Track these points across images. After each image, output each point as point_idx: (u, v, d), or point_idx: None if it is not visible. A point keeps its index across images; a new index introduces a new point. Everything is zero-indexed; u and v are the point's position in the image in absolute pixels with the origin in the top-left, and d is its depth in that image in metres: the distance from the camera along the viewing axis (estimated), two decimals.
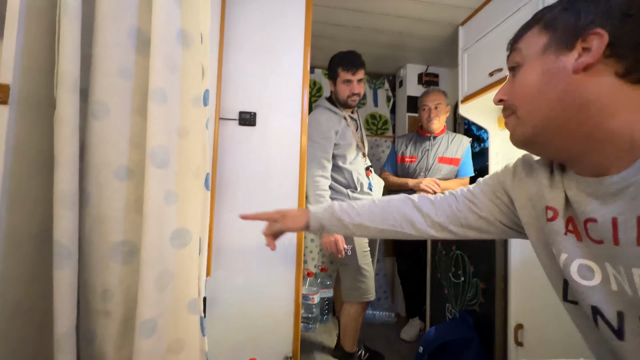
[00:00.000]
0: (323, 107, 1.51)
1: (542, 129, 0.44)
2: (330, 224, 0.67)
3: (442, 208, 0.61)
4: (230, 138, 1.26)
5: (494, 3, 1.58)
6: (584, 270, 0.44)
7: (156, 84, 0.55)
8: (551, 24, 0.44)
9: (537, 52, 0.44)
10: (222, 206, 1.23)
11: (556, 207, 0.48)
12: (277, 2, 1.31)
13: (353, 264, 1.40)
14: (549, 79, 0.42)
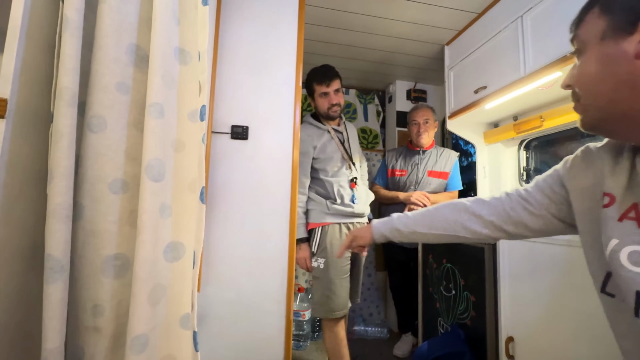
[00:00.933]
0: (306, 122, 1.57)
1: (608, 114, 0.45)
2: (391, 234, 0.75)
3: (494, 208, 0.63)
4: (223, 151, 1.28)
5: (477, 25, 1.68)
6: (636, 256, 0.43)
7: (153, 99, 0.56)
8: (609, 7, 0.44)
9: (596, 37, 0.44)
10: (213, 220, 1.23)
11: (614, 193, 0.48)
12: (270, 20, 1.37)
13: (324, 278, 1.39)
14: (608, 66, 0.43)
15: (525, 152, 1.76)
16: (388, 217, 0.77)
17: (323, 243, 1.44)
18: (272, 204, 1.29)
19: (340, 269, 1.44)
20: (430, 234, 0.70)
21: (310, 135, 1.49)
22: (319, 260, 1.43)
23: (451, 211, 0.68)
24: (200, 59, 0.65)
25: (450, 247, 1.47)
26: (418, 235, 0.73)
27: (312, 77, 1.52)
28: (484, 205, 0.65)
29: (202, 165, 0.61)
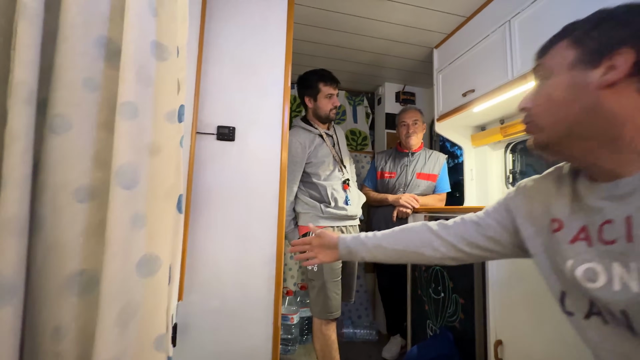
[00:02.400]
0: (297, 127, 1.55)
1: (562, 137, 0.47)
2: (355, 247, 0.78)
3: (453, 229, 0.66)
4: (208, 153, 1.21)
5: (465, 29, 1.67)
6: (590, 273, 0.45)
7: (126, 97, 0.50)
8: (581, 40, 0.46)
9: (566, 66, 0.46)
10: (197, 225, 1.16)
11: (561, 218, 0.51)
12: (258, 18, 1.31)
13: (318, 281, 1.39)
14: (575, 93, 0.45)
15: (511, 155, 1.76)
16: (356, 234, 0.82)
17: None
18: (260, 207, 1.23)
19: (333, 272, 1.41)
20: (394, 249, 0.73)
21: (302, 142, 1.47)
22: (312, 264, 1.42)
23: (416, 230, 0.72)
24: (180, 54, 0.59)
25: None
26: (381, 250, 0.75)
27: (319, 78, 1.50)
28: (445, 227, 0.69)
29: (179, 171, 0.55)
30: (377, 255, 0.76)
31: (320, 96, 1.50)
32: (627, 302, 0.41)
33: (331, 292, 1.38)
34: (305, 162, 1.47)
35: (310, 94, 1.52)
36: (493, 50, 1.47)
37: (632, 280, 0.41)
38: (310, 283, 1.42)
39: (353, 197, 1.51)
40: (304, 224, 1.46)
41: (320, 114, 1.52)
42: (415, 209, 1.63)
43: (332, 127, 1.60)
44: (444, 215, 1.46)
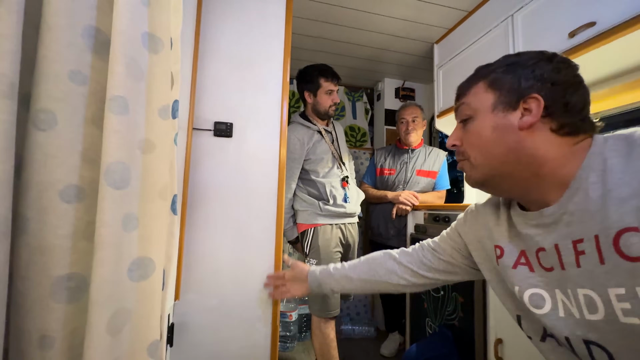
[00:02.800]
0: (296, 122, 1.51)
1: (493, 174, 0.50)
2: (323, 279, 0.81)
3: (412, 256, 0.70)
4: (205, 150, 1.18)
5: (467, 24, 1.63)
6: (536, 298, 0.48)
7: (115, 92, 0.47)
8: (496, 85, 0.50)
9: (487, 108, 0.50)
10: (194, 223, 1.13)
11: (502, 244, 0.54)
12: (256, 11, 1.27)
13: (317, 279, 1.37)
14: (500, 134, 0.48)
15: None
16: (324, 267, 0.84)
17: (315, 244, 1.41)
18: (258, 204, 1.20)
19: None
20: (360, 279, 0.75)
21: (301, 138, 1.44)
22: (311, 261, 1.41)
23: (380, 260, 0.75)
24: (173, 47, 0.56)
25: None
26: (348, 280, 0.77)
27: (320, 73, 1.47)
28: (406, 254, 0.72)
29: (173, 169, 0.52)
30: (345, 286, 0.78)
31: (321, 92, 1.47)
32: (569, 329, 0.43)
33: None
34: (304, 158, 1.44)
35: (310, 89, 1.49)
36: (495, 46, 1.44)
37: (573, 308, 0.43)
38: None
39: (352, 195, 1.49)
40: (303, 222, 1.44)
41: (319, 109, 1.49)
42: (415, 206, 1.61)
43: (331, 124, 1.57)
44: (444, 212, 1.44)
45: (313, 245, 1.41)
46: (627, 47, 1.03)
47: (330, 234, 1.42)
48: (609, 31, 1.00)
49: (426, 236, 1.52)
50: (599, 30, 1.03)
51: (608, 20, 1.00)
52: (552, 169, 0.46)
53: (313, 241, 1.41)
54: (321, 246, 1.39)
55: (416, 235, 1.59)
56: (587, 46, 1.07)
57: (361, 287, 0.77)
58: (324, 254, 1.39)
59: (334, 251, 1.42)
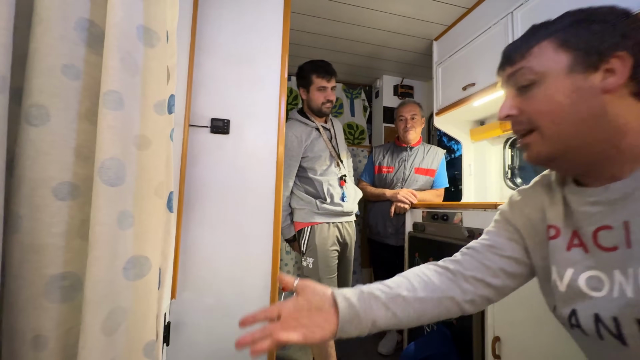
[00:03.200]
0: (293, 119, 1.50)
1: (568, 147, 0.44)
2: (364, 307, 0.48)
3: (471, 262, 0.55)
4: (201, 146, 1.17)
5: (466, 21, 1.63)
6: (593, 281, 0.43)
7: (110, 86, 0.46)
8: (570, 43, 0.44)
9: (561, 70, 0.44)
10: (190, 221, 1.12)
11: (557, 224, 0.49)
12: (254, 7, 1.25)
13: (313, 278, 1.37)
14: (580, 98, 0.42)
15: (510, 150, 1.74)
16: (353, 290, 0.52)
17: (312, 243, 1.41)
18: (255, 202, 1.20)
19: (328, 268, 1.40)
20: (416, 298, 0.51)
21: (298, 136, 1.43)
22: (307, 260, 1.40)
23: (428, 272, 0.56)
24: (169, 40, 0.55)
25: (438, 245, 1.43)
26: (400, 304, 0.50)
27: (311, 69, 1.46)
28: (459, 262, 0.56)
29: (170, 166, 0.51)
30: (397, 313, 0.50)
31: (312, 88, 1.45)
32: (620, 310, 0.40)
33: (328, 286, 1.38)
34: (302, 156, 1.44)
35: (304, 86, 1.48)
36: (495, 43, 1.43)
37: (629, 286, 0.40)
38: None
39: (349, 193, 1.49)
40: (300, 220, 1.43)
41: (312, 106, 1.48)
42: (413, 204, 1.61)
43: (330, 121, 1.56)
44: (442, 210, 1.44)
45: (310, 244, 1.40)
46: None
47: (328, 232, 1.42)
48: None
49: (425, 234, 1.53)
50: None
51: None
52: (633, 140, 0.41)
53: (310, 240, 1.41)
54: (318, 245, 1.39)
55: (414, 233, 1.59)
56: None
57: (417, 314, 0.51)
58: (321, 252, 1.39)
59: (331, 249, 1.42)
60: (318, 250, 1.38)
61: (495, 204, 1.18)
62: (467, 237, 1.28)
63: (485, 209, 1.23)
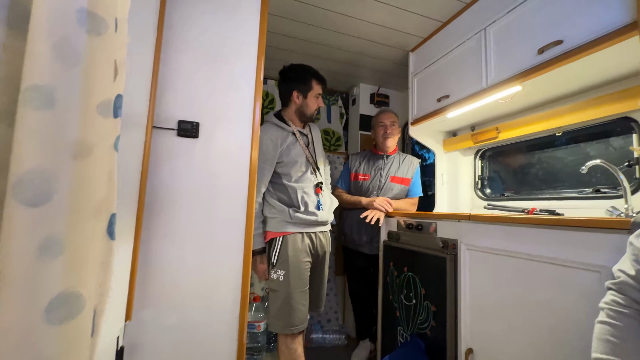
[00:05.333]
0: (269, 122, 1.41)
1: None
2: None
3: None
4: (166, 150, 1.05)
5: (442, 34, 1.64)
6: None
7: (36, 79, 0.36)
8: None
9: None
10: (152, 231, 1.00)
11: None
12: (230, 4, 1.16)
13: (283, 291, 1.27)
14: None
15: (480, 161, 1.77)
16: None
17: (284, 254, 1.30)
18: (226, 211, 1.09)
19: (301, 281, 1.30)
20: None
21: (274, 139, 1.34)
22: (278, 272, 1.30)
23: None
24: (119, 29, 0.45)
25: (412, 255, 1.41)
26: None
27: (313, 75, 1.42)
28: None
29: (113, 182, 0.42)
30: None
31: (312, 94, 1.41)
32: None
33: (297, 303, 1.27)
34: (276, 161, 1.35)
35: (301, 90, 1.40)
36: (468, 57, 1.45)
37: None
38: (273, 294, 1.30)
39: (325, 202, 1.42)
40: (271, 230, 1.34)
41: (305, 112, 1.41)
42: (389, 212, 1.58)
43: (308, 126, 1.49)
44: (417, 220, 1.42)
45: (281, 256, 1.30)
46: (591, 65, 1.07)
47: (301, 243, 1.33)
48: (575, 50, 1.03)
49: (399, 244, 1.49)
50: (566, 49, 1.05)
51: (574, 40, 1.02)
52: None
53: (282, 251, 1.30)
54: (290, 257, 1.29)
55: (389, 242, 1.56)
56: (555, 63, 1.09)
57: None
58: (293, 265, 1.29)
59: (304, 261, 1.33)
60: (290, 263, 1.29)
61: (469, 215, 1.17)
62: (442, 248, 1.26)
63: (459, 220, 1.22)
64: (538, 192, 1.47)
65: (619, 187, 1.16)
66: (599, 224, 0.81)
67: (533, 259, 0.94)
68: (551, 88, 1.27)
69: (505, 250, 1.02)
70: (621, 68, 1.08)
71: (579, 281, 0.83)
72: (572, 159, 1.37)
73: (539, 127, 1.37)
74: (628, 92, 1.08)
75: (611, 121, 1.20)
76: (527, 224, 0.97)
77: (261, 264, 1.33)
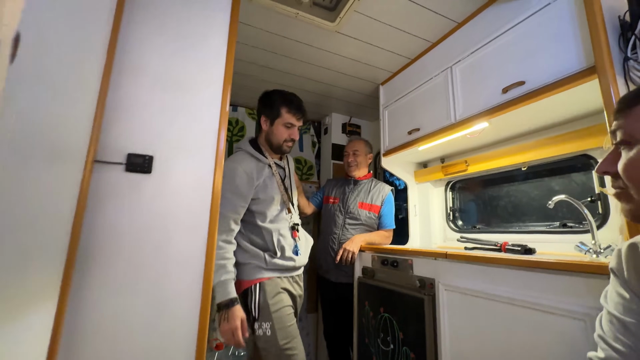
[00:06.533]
0: (244, 151, 1.24)
1: None
2: None
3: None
4: (111, 188, 0.89)
5: (410, 70, 1.66)
6: None
7: None
8: None
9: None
10: (87, 283, 0.82)
11: None
12: (194, 31, 1.07)
13: (275, 346, 1.09)
14: None
15: (451, 192, 1.76)
16: None
17: (264, 303, 1.12)
18: (179, 257, 0.94)
19: (290, 327, 1.12)
20: None
21: (249, 172, 1.17)
22: (263, 326, 1.10)
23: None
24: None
25: (388, 294, 1.31)
26: None
27: (282, 102, 1.23)
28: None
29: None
30: None
31: (279, 122, 1.24)
32: None
33: (295, 351, 1.10)
34: (251, 197, 1.17)
35: (268, 115, 1.25)
36: (437, 93, 1.46)
37: None
38: (266, 353, 1.09)
39: (301, 245, 1.27)
40: (246, 278, 1.15)
41: (272, 141, 1.25)
42: (362, 247, 1.50)
43: (285, 158, 1.36)
44: (392, 256, 1.34)
45: (262, 305, 1.12)
46: (553, 105, 1.10)
47: (280, 287, 1.17)
48: (537, 91, 1.05)
49: (374, 281, 1.38)
50: (528, 89, 1.07)
51: (536, 81, 1.05)
52: None
53: (261, 300, 1.12)
54: (271, 304, 1.12)
55: (364, 279, 1.46)
56: (518, 102, 1.11)
57: None
58: (277, 313, 1.11)
59: (287, 306, 1.16)
60: (272, 311, 1.11)
61: (445, 253, 1.11)
62: (419, 287, 1.18)
63: (435, 258, 1.16)
64: (508, 225, 1.47)
65: (584, 222, 1.17)
66: (577, 268, 0.77)
67: (514, 303, 0.88)
68: (517, 125, 1.30)
69: (485, 292, 0.96)
70: (581, 108, 1.12)
71: (563, 329, 0.77)
72: (537, 193, 1.39)
73: (505, 161, 1.39)
74: (586, 131, 1.12)
75: (572, 158, 1.23)
76: (506, 265, 0.92)
77: (233, 319, 1.03)
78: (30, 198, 0.58)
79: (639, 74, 0.81)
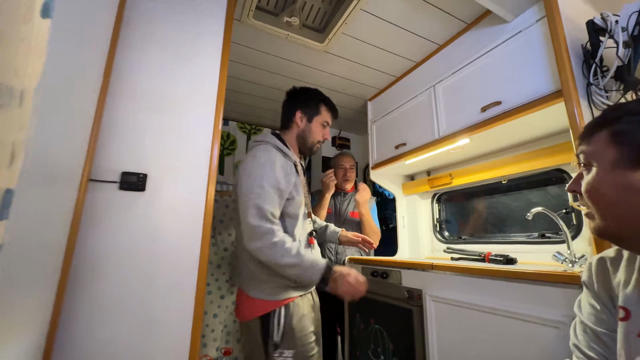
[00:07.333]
0: (270, 144, 1.07)
1: (616, 232, 0.46)
2: None
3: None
4: (105, 207, 0.91)
5: (396, 87, 1.73)
6: None
7: None
8: (619, 139, 0.45)
9: (607, 164, 0.45)
10: (78, 305, 0.82)
11: (628, 307, 0.47)
12: (187, 51, 1.10)
13: None
14: (623, 195, 0.43)
15: (437, 204, 1.82)
16: None
17: (289, 328, 0.97)
18: (171, 278, 0.94)
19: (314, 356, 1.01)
20: None
21: (287, 168, 1.04)
22: (284, 355, 0.96)
23: None
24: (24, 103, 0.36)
25: (378, 305, 1.34)
26: None
27: (322, 100, 1.19)
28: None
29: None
30: None
31: (317, 119, 1.15)
32: None
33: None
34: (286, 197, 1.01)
35: (307, 112, 1.15)
36: (421, 110, 1.53)
37: None
38: None
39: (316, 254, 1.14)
40: (268, 298, 0.98)
41: (306, 140, 1.14)
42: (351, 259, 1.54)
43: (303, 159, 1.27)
44: (382, 268, 1.38)
45: (287, 330, 0.96)
46: (527, 124, 1.17)
47: (306, 309, 1.03)
48: (512, 110, 1.12)
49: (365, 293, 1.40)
50: (504, 109, 1.14)
51: (511, 102, 1.12)
52: None
53: (286, 324, 0.96)
54: (297, 330, 0.97)
55: None
56: (495, 121, 1.18)
57: None
58: (302, 340, 0.97)
59: (311, 332, 1.02)
60: (298, 338, 0.96)
61: (431, 264, 1.16)
62: (407, 298, 1.22)
63: (423, 269, 1.20)
64: (491, 236, 1.53)
65: (560, 232, 1.24)
66: (552, 279, 0.82)
67: (497, 313, 0.92)
68: (495, 141, 1.37)
69: (470, 303, 1.00)
70: (553, 127, 1.20)
71: (540, 337, 0.82)
72: (517, 205, 1.46)
73: (486, 175, 1.46)
74: (558, 148, 1.19)
75: (547, 172, 1.31)
76: (488, 275, 0.97)
77: (348, 277, 0.96)
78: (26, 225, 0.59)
79: (600, 98, 0.89)
